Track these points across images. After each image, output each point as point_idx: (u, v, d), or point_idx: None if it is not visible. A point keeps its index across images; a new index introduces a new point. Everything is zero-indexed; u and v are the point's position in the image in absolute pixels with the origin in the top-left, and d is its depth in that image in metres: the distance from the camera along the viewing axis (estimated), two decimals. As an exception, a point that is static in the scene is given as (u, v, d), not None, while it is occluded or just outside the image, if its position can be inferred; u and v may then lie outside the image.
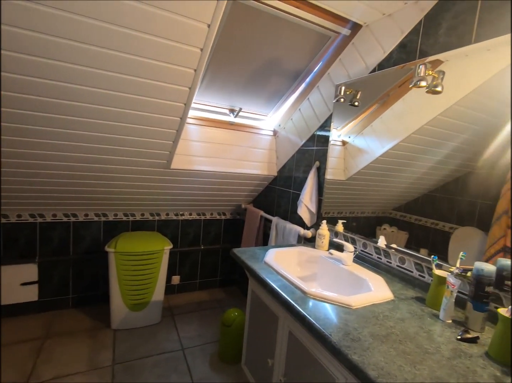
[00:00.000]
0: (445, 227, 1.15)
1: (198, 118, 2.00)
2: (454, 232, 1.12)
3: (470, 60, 1.07)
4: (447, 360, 0.73)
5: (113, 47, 1.13)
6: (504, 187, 0.97)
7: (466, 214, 1.09)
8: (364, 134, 1.54)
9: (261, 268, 1.25)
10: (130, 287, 2.02)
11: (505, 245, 0.96)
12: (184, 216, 2.57)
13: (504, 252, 0.96)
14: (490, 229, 1.00)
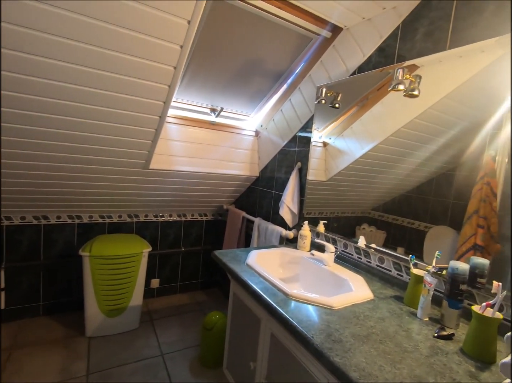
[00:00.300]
0: (420, 226, 1.19)
1: (179, 117, 1.95)
2: (429, 231, 1.17)
3: (443, 66, 1.11)
4: (425, 358, 0.75)
5: (90, 42, 1.07)
6: (474, 187, 1.01)
7: (440, 213, 1.13)
8: (344, 136, 1.57)
9: (243, 271, 1.23)
10: (107, 292, 1.94)
11: (475, 243, 1.01)
12: (164, 218, 2.50)
13: (474, 249, 1.01)
14: (462, 228, 1.04)
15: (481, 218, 1.00)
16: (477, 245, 1.00)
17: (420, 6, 1.18)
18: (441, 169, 1.14)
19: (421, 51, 1.17)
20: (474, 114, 1.03)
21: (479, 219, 1.00)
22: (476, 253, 1.00)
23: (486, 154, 0.99)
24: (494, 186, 0.97)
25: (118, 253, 1.92)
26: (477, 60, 1.01)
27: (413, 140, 1.24)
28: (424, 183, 1.20)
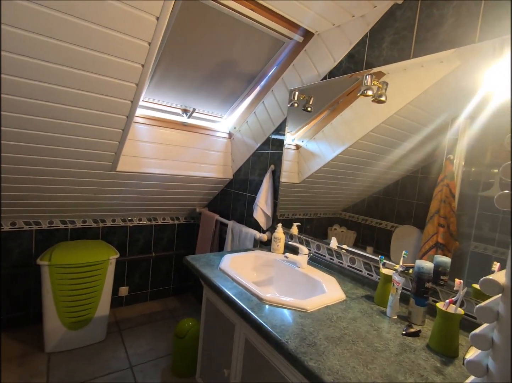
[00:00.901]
0: (387, 226, 1.24)
1: (148, 118, 1.88)
2: (395, 230, 1.22)
3: (407, 74, 1.17)
4: (395, 356, 0.77)
5: (54, 35, 0.99)
6: (435, 189, 1.07)
7: (405, 213, 1.19)
8: (316, 139, 1.59)
9: (217, 276, 1.20)
10: (69, 303, 1.80)
11: (437, 241, 1.07)
12: (133, 222, 2.39)
13: (436, 247, 1.07)
14: (425, 227, 1.10)
15: (441, 218, 1.06)
16: (439, 243, 1.06)
17: (386, 16, 1.23)
18: (406, 172, 1.19)
19: (387, 59, 1.22)
20: (435, 120, 1.10)
21: (440, 218, 1.07)
22: (437, 251, 1.06)
23: (446, 157, 1.05)
24: (452, 188, 1.04)
25: (81, 261, 1.80)
26: (437, 70, 1.08)
27: (381, 144, 1.29)
28: (391, 185, 1.25)
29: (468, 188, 1.00)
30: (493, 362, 0.40)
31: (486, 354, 0.42)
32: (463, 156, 1.02)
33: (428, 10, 1.09)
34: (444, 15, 1.05)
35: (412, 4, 1.14)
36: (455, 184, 1.03)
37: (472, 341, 0.42)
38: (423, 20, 1.11)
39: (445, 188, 1.06)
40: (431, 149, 1.11)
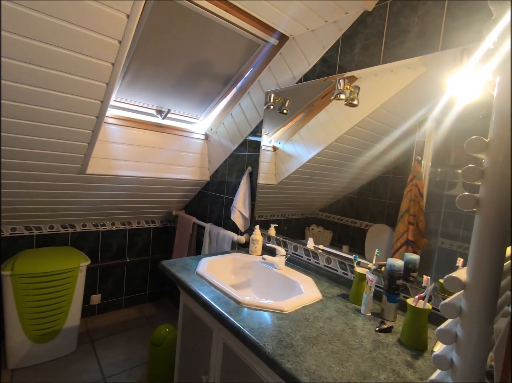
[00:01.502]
0: (362, 225, 1.28)
1: (121, 118, 1.81)
2: (369, 229, 1.26)
3: (378, 78, 1.21)
4: (369, 353, 0.79)
5: (18, 32, 0.93)
6: (405, 189, 1.12)
7: (378, 213, 1.23)
8: (292, 141, 1.61)
9: (193, 280, 1.18)
10: (35, 315, 1.69)
11: (407, 239, 1.12)
12: (105, 227, 2.29)
13: (407, 245, 1.12)
14: (396, 225, 1.15)
15: (411, 216, 1.11)
16: (409, 240, 1.11)
17: (357, 22, 1.27)
18: (378, 173, 1.24)
19: (359, 64, 1.26)
20: (404, 123, 1.15)
21: (410, 217, 1.12)
22: (408, 248, 1.11)
23: (414, 159, 1.10)
24: (421, 187, 1.09)
25: (48, 269, 1.70)
26: (405, 75, 1.13)
27: (354, 146, 1.33)
28: (365, 185, 1.29)
29: (435, 188, 1.05)
30: (457, 355, 0.42)
31: (450, 348, 0.44)
32: (430, 157, 1.07)
33: (396, 19, 1.14)
34: (410, 24, 1.10)
35: (381, 12, 1.19)
36: (423, 184, 1.09)
37: (438, 336, 0.44)
38: (391, 27, 1.15)
39: (414, 188, 1.11)
40: (401, 151, 1.16)
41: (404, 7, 1.12)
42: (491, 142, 0.40)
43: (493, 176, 0.39)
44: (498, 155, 0.39)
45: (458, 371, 0.42)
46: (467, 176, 0.41)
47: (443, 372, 0.45)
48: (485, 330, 0.40)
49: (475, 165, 0.41)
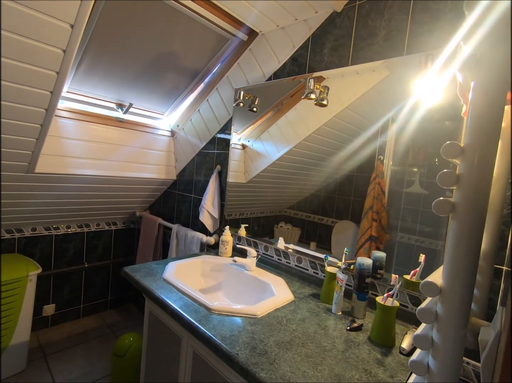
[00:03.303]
0: (328, 222, 1.31)
1: (76, 112, 1.65)
2: (335, 225, 1.29)
3: (345, 80, 1.23)
4: (341, 354, 0.79)
5: None
6: (369, 187, 1.16)
7: (343, 210, 1.26)
8: (262, 139, 1.59)
9: (160, 287, 1.10)
10: (-26, 333, 1.49)
11: (371, 235, 1.15)
12: (59, 230, 2.09)
13: (370, 240, 1.15)
14: (361, 222, 1.18)
15: (374, 213, 1.15)
16: (373, 236, 1.15)
17: (327, 22, 1.27)
18: (343, 171, 1.26)
19: (328, 65, 1.27)
20: (368, 124, 1.18)
21: (373, 213, 1.15)
22: (372, 243, 1.15)
23: (377, 158, 1.14)
24: (383, 186, 1.13)
25: (-9, 281, 1.50)
26: (370, 78, 1.15)
27: (322, 145, 1.35)
28: (331, 183, 1.31)
29: (395, 185, 1.10)
30: (433, 360, 0.42)
31: (427, 353, 0.44)
32: (391, 156, 1.11)
33: (364, 21, 1.16)
34: (377, 27, 1.12)
35: (350, 13, 1.20)
36: (385, 182, 1.13)
37: (414, 341, 0.44)
38: (360, 29, 1.17)
39: (377, 186, 1.15)
40: (366, 151, 1.19)
41: (371, 10, 1.13)
42: (466, 147, 0.40)
43: (468, 181, 0.39)
44: (473, 160, 0.39)
45: (435, 375, 0.41)
46: (443, 181, 0.41)
47: (419, 378, 0.44)
48: (461, 334, 0.40)
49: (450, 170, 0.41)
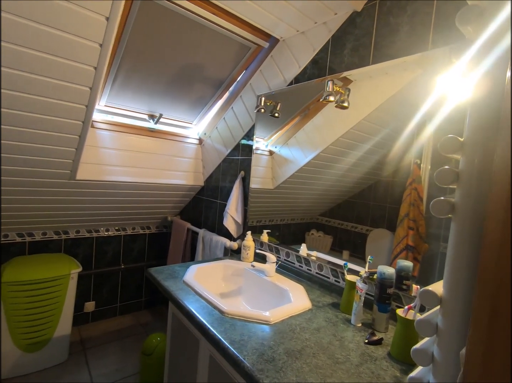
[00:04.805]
0: (362, 230, 1.24)
1: (112, 123, 1.80)
2: (370, 233, 1.21)
3: (373, 81, 1.18)
4: (355, 368, 0.74)
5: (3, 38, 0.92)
6: (404, 193, 1.08)
7: (378, 217, 1.19)
8: (289, 145, 1.58)
9: (179, 289, 1.14)
10: (24, 323, 1.67)
11: (407, 244, 1.06)
12: (99, 233, 2.27)
13: (407, 250, 1.06)
14: (396, 230, 1.10)
15: (411, 221, 1.06)
16: (409, 245, 1.06)
17: (347, 23, 1.24)
18: (378, 176, 1.19)
19: (348, 65, 1.23)
20: (402, 126, 1.10)
21: (410, 221, 1.07)
22: (408, 253, 1.06)
23: (413, 162, 1.06)
24: (420, 191, 1.05)
25: (38, 277, 1.67)
26: (400, 77, 1.09)
27: (351, 149, 1.29)
28: (365, 189, 1.24)
29: (436, 191, 1.01)
30: (434, 379, 0.38)
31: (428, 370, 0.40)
32: (429, 160, 1.03)
33: (385, 18, 1.11)
34: (399, 23, 1.07)
35: (370, 12, 1.16)
36: (422, 188, 1.04)
37: (413, 356, 0.40)
38: (381, 27, 1.12)
39: (413, 192, 1.07)
40: (401, 154, 1.11)
41: (393, 6, 1.09)
42: (466, 142, 0.36)
43: (468, 178, 0.35)
44: (474, 155, 0.35)
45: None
46: (441, 179, 0.38)
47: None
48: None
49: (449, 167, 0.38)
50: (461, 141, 0.37)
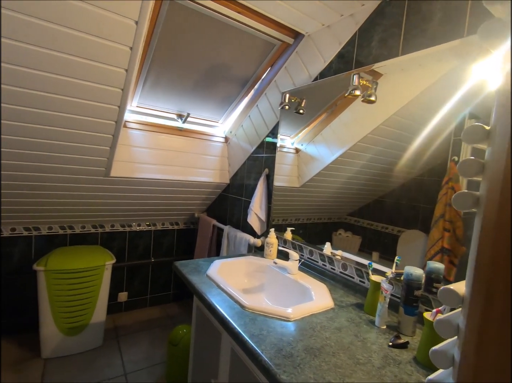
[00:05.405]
0: (394, 231, 1.18)
1: (143, 123, 1.89)
2: (401, 235, 1.16)
3: (405, 74, 1.12)
4: (376, 370, 0.72)
5: (39, 43, 1.01)
6: (440, 192, 1.01)
7: (411, 218, 1.12)
8: (315, 142, 1.56)
9: (202, 282, 1.17)
10: (65, 309, 1.81)
11: (442, 246, 1.00)
12: (132, 227, 2.40)
13: (442, 253, 0.99)
14: (430, 231, 1.03)
15: (447, 222, 0.99)
16: (445, 248, 0.99)
17: (375, 14, 1.20)
18: (410, 175, 1.13)
19: (376, 57, 1.18)
20: (437, 121, 1.03)
21: (445, 222, 1.00)
22: (443, 256, 0.99)
23: (450, 159, 0.99)
24: (458, 190, 0.97)
25: (76, 266, 1.81)
26: (435, 69, 1.02)
27: (381, 146, 1.24)
28: (396, 189, 1.19)
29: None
30: (454, 382, 0.36)
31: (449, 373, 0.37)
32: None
33: (417, 6, 1.05)
34: (432, 11, 1.00)
35: (400, 0, 1.10)
36: (460, 187, 0.97)
37: (431, 357, 0.38)
38: (411, 16, 1.07)
39: (450, 191, 1.00)
40: (436, 151, 1.04)
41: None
42: (493, 130, 0.34)
43: (495, 170, 0.33)
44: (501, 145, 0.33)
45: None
46: (464, 170, 0.35)
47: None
48: (486, 355, 0.33)
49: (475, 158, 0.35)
50: (487, 130, 0.34)
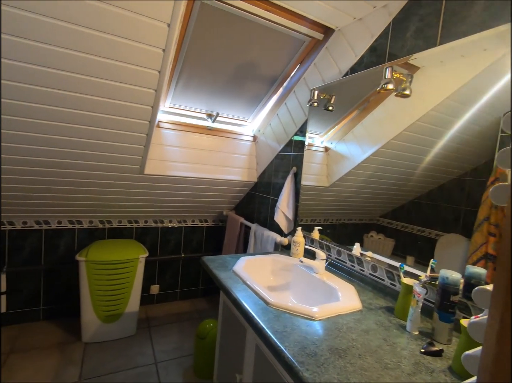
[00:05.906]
0: (431, 234, 1.11)
1: (174, 123, 1.96)
2: (439, 239, 1.08)
3: (445, 66, 1.05)
4: (406, 376, 0.68)
5: (73, 47, 1.10)
6: (484, 193, 0.94)
7: (451, 220, 1.05)
8: (345, 140, 1.51)
9: (228, 277, 1.19)
10: (103, 297, 1.94)
11: (486, 252, 0.92)
12: (163, 223, 2.50)
13: (486, 259, 0.92)
14: (472, 236, 0.96)
15: (492, 226, 0.91)
16: (489, 254, 0.91)
17: (410, 4, 1.13)
18: (451, 175, 1.06)
19: (411, 49, 1.12)
20: (481, 116, 0.96)
21: (490, 226, 0.92)
22: (487, 263, 0.91)
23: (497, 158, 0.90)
24: None
25: (113, 258, 1.93)
26: (479, 59, 0.95)
27: (417, 144, 1.17)
28: (434, 189, 1.11)
29: None
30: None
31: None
32: None
33: (457, -9, 0.98)
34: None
35: (439, -13, 1.04)
36: None
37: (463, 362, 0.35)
38: (450, 3, 1.00)
39: None
40: (480, 149, 0.96)
41: (467, -24, 0.95)
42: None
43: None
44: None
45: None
46: (503, 161, 0.32)
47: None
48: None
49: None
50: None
